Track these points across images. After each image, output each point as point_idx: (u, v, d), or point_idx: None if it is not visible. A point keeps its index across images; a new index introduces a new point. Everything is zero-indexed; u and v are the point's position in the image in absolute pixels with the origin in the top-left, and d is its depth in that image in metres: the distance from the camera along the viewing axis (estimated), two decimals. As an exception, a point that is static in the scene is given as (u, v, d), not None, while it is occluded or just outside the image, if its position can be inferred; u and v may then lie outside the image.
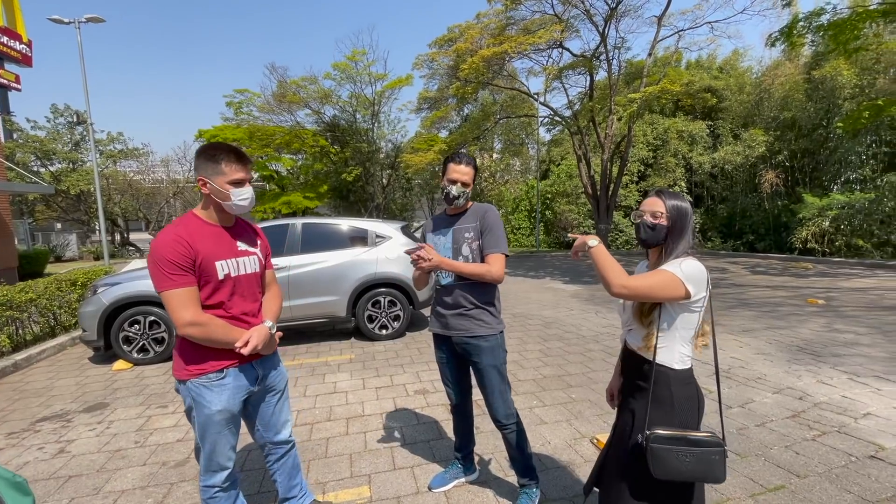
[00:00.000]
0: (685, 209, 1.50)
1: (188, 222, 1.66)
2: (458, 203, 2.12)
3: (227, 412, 1.69)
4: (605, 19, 13.94)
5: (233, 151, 1.65)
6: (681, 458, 1.35)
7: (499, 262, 2.06)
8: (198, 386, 1.65)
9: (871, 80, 15.57)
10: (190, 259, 1.56)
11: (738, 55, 22.13)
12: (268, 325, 1.74)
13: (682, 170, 20.68)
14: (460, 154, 2.14)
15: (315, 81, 18.17)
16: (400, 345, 5.27)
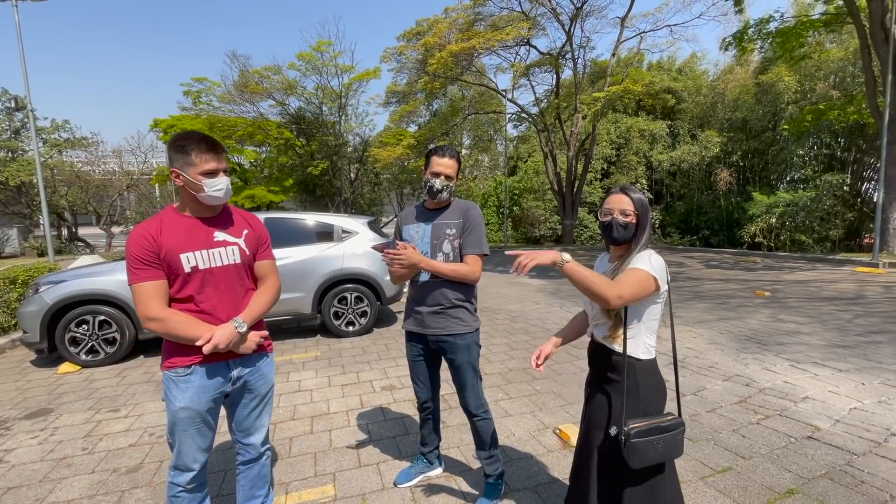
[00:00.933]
0: (647, 203, 1.55)
1: (162, 216, 1.64)
2: (441, 197, 2.09)
3: (191, 411, 1.63)
4: (570, 18, 14.22)
5: (204, 140, 1.60)
6: (655, 446, 1.44)
7: (479, 264, 2.09)
8: (168, 379, 1.64)
9: (812, 86, 16.62)
10: (152, 253, 1.54)
11: (695, 58, 23.10)
12: (235, 323, 1.66)
13: (644, 168, 21.42)
14: (444, 147, 2.13)
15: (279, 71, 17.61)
16: (367, 341, 5.23)
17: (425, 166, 2.14)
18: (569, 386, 3.76)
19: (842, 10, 11.66)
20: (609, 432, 1.51)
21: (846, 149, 17.15)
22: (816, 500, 2.19)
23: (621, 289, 1.39)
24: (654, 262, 1.46)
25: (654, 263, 1.46)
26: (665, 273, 1.48)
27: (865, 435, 2.80)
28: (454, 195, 2.20)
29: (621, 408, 1.49)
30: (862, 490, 2.25)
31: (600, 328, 1.60)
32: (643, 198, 1.55)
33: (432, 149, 2.15)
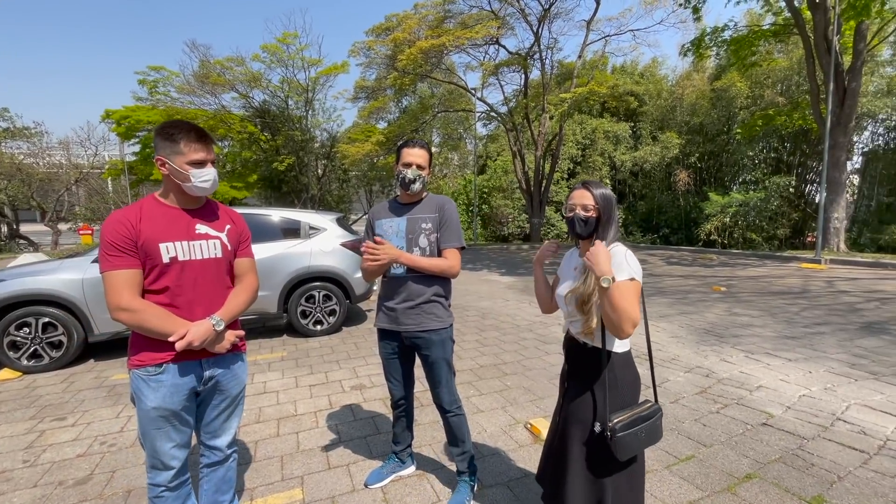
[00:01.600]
0: (611, 197, 1.57)
1: (143, 203, 1.59)
2: (413, 188, 2.05)
3: (164, 410, 1.56)
4: (538, 20, 14.43)
5: (193, 130, 1.55)
6: (639, 436, 1.48)
7: (457, 258, 2.09)
8: (137, 378, 1.56)
9: (761, 93, 17.59)
10: (130, 240, 1.48)
11: (656, 63, 23.99)
12: (212, 320, 1.59)
13: (608, 168, 22.05)
14: (413, 139, 2.11)
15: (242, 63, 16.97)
16: (336, 340, 5.11)
17: (396, 161, 2.11)
18: (539, 381, 3.81)
19: (789, 22, 12.38)
20: (594, 429, 1.51)
21: (791, 153, 18.26)
22: (772, 483, 2.30)
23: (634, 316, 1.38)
24: (631, 264, 1.46)
25: (632, 265, 1.45)
26: (640, 268, 1.49)
27: (814, 420, 2.97)
28: (427, 189, 2.18)
29: (604, 403, 1.51)
30: (812, 472, 2.39)
31: (575, 324, 1.60)
32: (606, 192, 1.56)
33: (401, 143, 2.12)
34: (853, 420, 2.96)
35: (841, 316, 5.66)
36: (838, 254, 11.29)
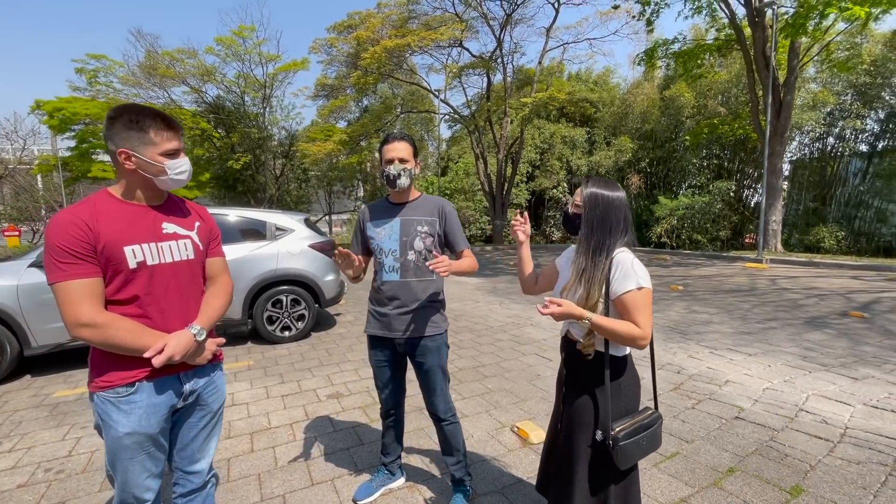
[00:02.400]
0: (607, 198, 1.46)
1: (96, 200, 1.35)
2: (400, 183, 1.94)
3: (139, 435, 1.36)
4: (501, 25, 14.63)
5: (159, 117, 1.37)
6: (640, 444, 1.47)
7: (472, 255, 2.08)
8: (104, 401, 1.35)
9: (705, 103, 18.78)
10: (87, 244, 1.26)
11: (609, 72, 25.02)
12: (193, 330, 1.41)
13: (565, 172, 22.76)
14: (392, 133, 2.01)
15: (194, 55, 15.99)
16: (305, 346, 4.88)
17: (380, 161, 2.01)
18: (519, 382, 3.80)
19: (731, 38, 13.26)
20: (595, 437, 1.49)
21: (731, 160, 19.60)
22: (753, 475, 2.39)
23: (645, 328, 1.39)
24: (638, 271, 1.42)
25: (639, 272, 1.41)
26: (646, 273, 1.46)
27: (780, 412, 3.14)
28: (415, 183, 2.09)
29: (606, 410, 1.48)
30: (787, 463, 2.50)
31: (576, 327, 1.57)
32: (597, 192, 1.47)
33: (382, 140, 2.02)
34: (814, 410, 3.15)
35: (787, 312, 6.08)
36: (777, 254, 12.19)
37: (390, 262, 1.99)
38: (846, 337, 4.84)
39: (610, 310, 1.48)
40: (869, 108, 16.35)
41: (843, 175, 17.17)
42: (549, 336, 5.15)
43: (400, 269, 1.98)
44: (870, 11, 8.99)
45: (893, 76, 15.09)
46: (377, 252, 2.04)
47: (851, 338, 4.81)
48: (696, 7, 13.01)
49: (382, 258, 2.01)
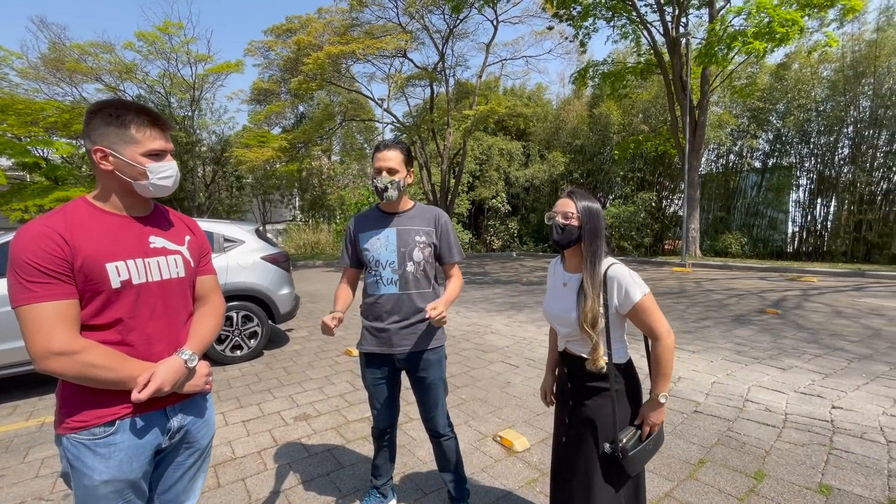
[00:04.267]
0: (596, 209, 1.54)
1: (72, 210, 1.16)
2: (388, 196, 1.88)
3: (119, 482, 1.16)
4: (443, 38, 14.89)
5: (144, 112, 1.20)
6: (647, 449, 1.53)
7: (459, 272, 2.08)
8: (76, 445, 1.14)
9: (630, 121, 20.45)
10: (63, 260, 1.08)
11: (541, 88, 26.38)
12: (183, 356, 1.24)
13: (503, 183, 23.54)
14: (385, 140, 1.93)
15: (111, 50, 14.39)
16: (260, 366, 4.55)
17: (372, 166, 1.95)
18: (491, 391, 3.82)
19: (653, 62, 14.58)
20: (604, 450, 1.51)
21: (652, 172, 21.44)
22: (721, 465, 2.58)
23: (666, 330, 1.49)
24: (636, 279, 1.49)
25: (637, 280, 1.48)
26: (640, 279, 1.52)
27: (730, 403, 3.43)
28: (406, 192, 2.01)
29: (613, 422, 1.51)
30: (746, 450, 2.74)
31: (577, 345, 1.58)
32: (590, 205, 1.53)
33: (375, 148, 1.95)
34: (757, 400, 3.48)
35: (716, 311, 6.71)
36: (697, 258, 13.46)
37: (388, 275, 1.91)
38: (768, 332, 5.43)
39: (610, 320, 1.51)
40: (761, 130, 18.70)
41: (742, 188, 19.42)
42: (511, 343, 5.25)
43: (399, 281, 1.91)
44: (766, 46, 10.33)
45: (778, 103, 17.41)
46: (372, 264, 1.94)
47: (772, 332, 5.41)
48: (623, 33, 14.17)
49: (380, 270, 1.92)
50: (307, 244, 19.32)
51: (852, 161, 14.87)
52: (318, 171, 21.84)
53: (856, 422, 3.04)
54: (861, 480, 2.38)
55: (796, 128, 16.23)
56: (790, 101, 16.13)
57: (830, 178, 15.64)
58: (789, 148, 17.29)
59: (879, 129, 14.07)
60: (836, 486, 2.35)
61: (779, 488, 2.34)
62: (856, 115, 14.66)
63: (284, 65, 14.05)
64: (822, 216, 16.30)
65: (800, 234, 17.21)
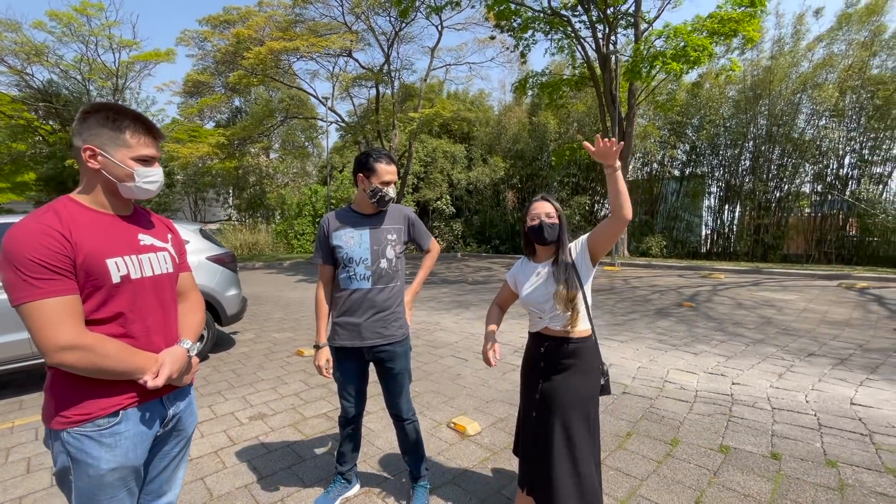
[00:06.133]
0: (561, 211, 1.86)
1: (62, 208, 1.19)
2: (390, 204, 2.11)
3: (125, 469, 1.23)
4: (389, 40, 14.95)
5: (140, 120, 1.26)
6: None
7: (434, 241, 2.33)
8: (79, 438, 1.18)
9: (566, 129, 21.69)
10: (66, 257, 1.13)
11: (483, 94, 27.19)
12: (185, 345, 1.34)
13: (447, 185, 23.97)
14: (379, 152, 2.07)
15: (17, 29, 12.79)
16: (207, 369, 4.43)
17: (366, 174, 2.04)
18: (443, 383, 4.03)
19: (586, 75, 15.61)
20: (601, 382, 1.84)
21: (586, 178, 22.88)
22: (645, 435, 2.99)
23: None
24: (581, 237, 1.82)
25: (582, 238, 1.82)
26: None
27: (652, 384, 3.91)
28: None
29: (600, 362, 1.86)
30: (665, 422, 3.17)
31: (557, 319, 1.79)
32: (559, 207, 1.87)
33: (369, 156, 2.06)
34: (674, 380, 4.00)
35: (641, 305, 7.43)
36: (625, 258, 14.61)
37: (361, 271, 2.06)
38: (684, 322, 6.14)
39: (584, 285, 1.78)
40: (680, 141, 20.64)
41: (664, 193, 21.29)
42: (460, 339, 5.51)
43: (371, 276, 2.06)
44: (682, 67, 11.52)
45: (693, 117, 19.33)
46: (345, 261, 2.07)
47: (687, 323, 6.12)
48: (559, 47, 15.05)
49: (353, 267, 2.06)
50: (245, 245, 18.47)
51: (752, 172, 16.87)
52: (257, 169, 20.97)
53: (749, 394, 3.62)
54: (752, 440, 2.88)
55: (708, 140, 18.09)
56: (703, 117, 17.96)
57: (735, 186, 17.62)
58: (702, 158, 19.22)
59: (773, 145, 16.10)
60: (733, 445, 2.82)
61: (689, 451, 2.77)
62: (755, 131, 16.66)
63: (221, 57, 13.39)
64: (728, 220, 18.30)
65: (711, 236, 19.18)
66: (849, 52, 14.54)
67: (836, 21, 14.65)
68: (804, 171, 15.80)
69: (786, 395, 3.59)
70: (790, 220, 16.17)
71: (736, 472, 2.53)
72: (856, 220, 14.61)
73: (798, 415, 3.23)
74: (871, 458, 2.63)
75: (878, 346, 4.85)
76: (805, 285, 9.24)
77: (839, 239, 14.91)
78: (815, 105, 15.07)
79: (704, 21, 11.59)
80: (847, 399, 3.48)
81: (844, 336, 5.30)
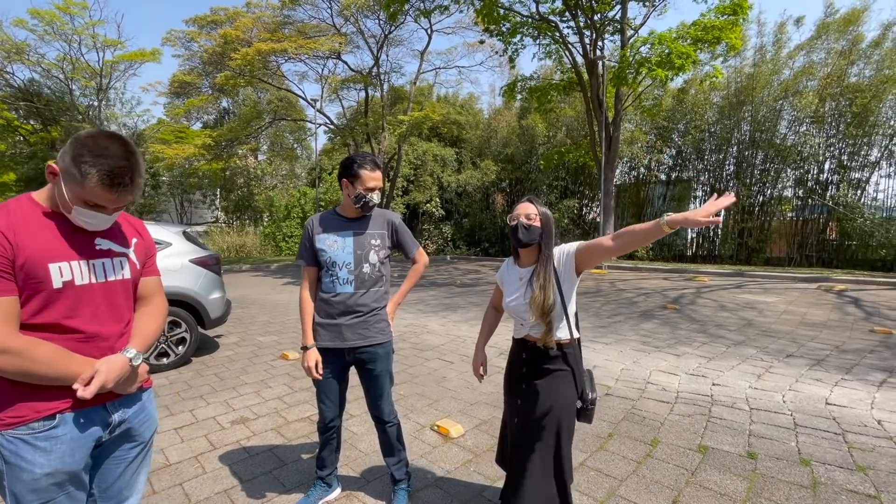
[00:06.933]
0: (550, 215, 1.77)
1: (15, 208, 1.17)
2: (375, 209, 2.11)
3: (62, 474, 1.19)
4: (378, 43, 14.96)
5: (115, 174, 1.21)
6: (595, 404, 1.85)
7: (422, 251, 2.30)
8: (12, 440, 1.15)
9: (555, 134, 21.89)
10: (4, 258, 1.11)
11: (473, 98, 27.29)
12: (128, 354, 1.28)
13: (437, 188, 24.01)
14: (365, 156, 2.07)
15: None
16: (189, 373, 4.37)
17: (350, 179, 2.04)
18: (428, 386, 4.04)
19: (573, 80, 15.78)
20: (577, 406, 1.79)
21: (574, 182, 23.09)
22: (626, 437, 3.02)
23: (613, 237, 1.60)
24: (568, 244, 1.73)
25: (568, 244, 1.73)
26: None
27: (634, 386, 3.96)
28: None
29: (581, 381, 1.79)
30: (646, 423, 3.22)
31: (538, 328, 1.76)
32: (546, 210, 1.77)
33: (353, 161, 2.06)
34: (656, 382, 4.05)
35: (626, 308, 7.51)
36: (611, 261, 14.74)
37: (344, 275, 2.06)
38: (667, 325, 6.23)
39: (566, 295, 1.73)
40: (666, 146, 20.95)
41: (651, 197, 21.57)
42: (446, 341, 5.52)
43: (354, 281, 2.07)
44: (667, 73, 11.71)
45: (679, 123, 19.64)
46: (328, 265, 2.08)
47: (670, 325, 6.20)
48: (547, 52, 15.20)
49: (336, 271, 2.07)
50: (232, 247, 18.26)
51: (736, 176, 17.18)
52: (245, 170, 20.76)
53: (728, 395, 3.68)
54: (729, 440, 2.93)
55: (693, 145, 18.38)
56: (688, 122, 18.25)
57: (720, 190, 17.91)
58: (688, 163, 19.52)
59: (756, 150, 16.43)
60: (711, 445, 2.86)
61: (668, 451, 2.81)
62: (738, 136, 16.98)
63: (208, 58, 13.25)
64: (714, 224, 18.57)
65: (697, 240, 19.47)
66: (828, 60, 14.92)
67: (816, 30, 15.02)
68: (786, 176, 16.13)
69: (764, 395, 3.66)
70: (773, 223, 16.48)
71: (713, 471, 2.57)
72: (835, 224, 14.96)
73: (775, 415, 3.29)
74: (844, 457, 2.69)
75: (853, 348, 4.97)
76: (786, 288, 9.42)
77: (820, 242, 15.25)
78: (796, 112, 15.43)
79: (689, 29, 11.81)
80: (822, 399, 3.56)
81: (822, 337, 5.42)
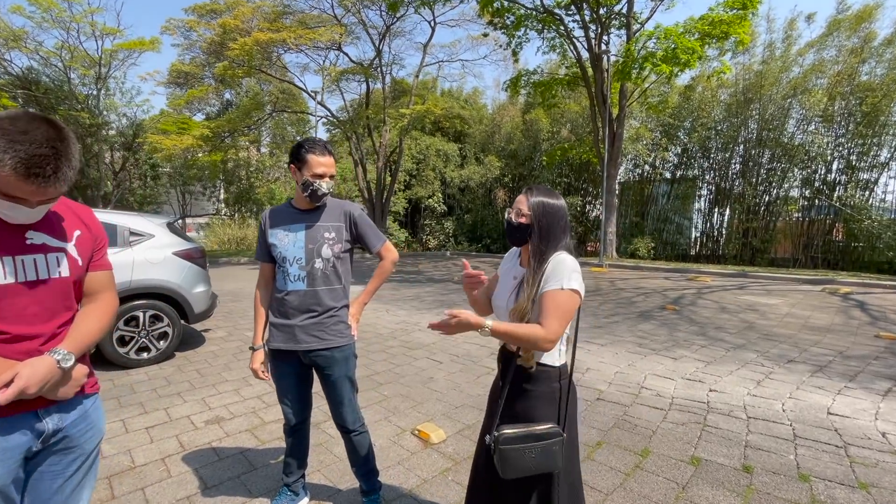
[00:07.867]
0: (553, 206, 1.45)
1: None
2: (326, 200, 1.94)
3: None
4: (380, 35, 14.75)
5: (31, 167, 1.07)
6: (525, 455, 1.36)
7: (389, 247, 2.13)
8: None
9: (558, 130, 21.63)
10: None
11: (477, 92, 27.06)
12: (56, 355, 1.14)
13: (439, 183, 23.84)
14: (316, 142, 1.90)
15: None
16: (170, 369, 4.26)
17: (298, 166, 1.88)
18: (414, 387, 3.90)
19: (578, 75, 15.54)
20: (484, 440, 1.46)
21: (577, 179, 22.86)
22: (615, 445, 2.87)
23: (550, 329, 1.32)
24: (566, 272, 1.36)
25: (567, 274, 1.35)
26: (580, 277, 1.40)
27: (627, 391, 3.81)
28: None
29: (497, 414, 1.46)
30: (637, 431, 3.07)
31: None
32: (545, 200, 1.45)
33: (301, 146, 1.89)
34: (650, 386, 3.90)
35: (624, 308, 7.35)
36: (613, 260, 14.56)
37: (295, 271, 1.92)
38: (665, 326, 6.06)
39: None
40: (671, 144, 20.67)
41: (655, 195, 21.31)
42: (438, 339, 5.38)
43: (307, 277, 1.93)
44: (672, 69, 11.47)
45: (685, 120, 19.36)
46: (280, 260, 1.94)
47: (669, 326, 6.04)
48: (552, 46, 14.95)
49: (287, 266, 1.92)
50: (232, 239, 18.19)
51: (742, 175, 16.91)
52: (246, 162, 20.65)
53: (725, 402, 3.52)
54: (724, 451, 2.78)
55: (699, 143, 18.11)
56: (695, 120, 17.96)
57: (725, 189, 17.66)
58: (693, 161, 19.25)
59: (763, 149, 16.14)
60: (704, 457, 2.71)
61: (659, 462, 2.66)
62: (745, 135, 16.69)
63: (208, 47, 13.09)
64: (718, 223, 18.35)
65: (701, 239, 19.24)
66: (839, 58, 14.59)
67: (827, 27, 14.69)
68: (793, 176, 15.85)
69: (762, 403, 3.50)
70: (778, 224, 16.23)
71: (705, 486, 2.42)
72: (842, 225, 14.69)
73: (773, 424, 3.14)
74: (845, 473, 2.54)
75: (857, 353, 4.79)
76: (790, 290, 9.22)
77: (826, 244, 14.99)
78: (805, 110, 15.13)
79: (696, 23, 11.54)
80: (824, 408, 3.40)
81: (825, 342, 5.24)
